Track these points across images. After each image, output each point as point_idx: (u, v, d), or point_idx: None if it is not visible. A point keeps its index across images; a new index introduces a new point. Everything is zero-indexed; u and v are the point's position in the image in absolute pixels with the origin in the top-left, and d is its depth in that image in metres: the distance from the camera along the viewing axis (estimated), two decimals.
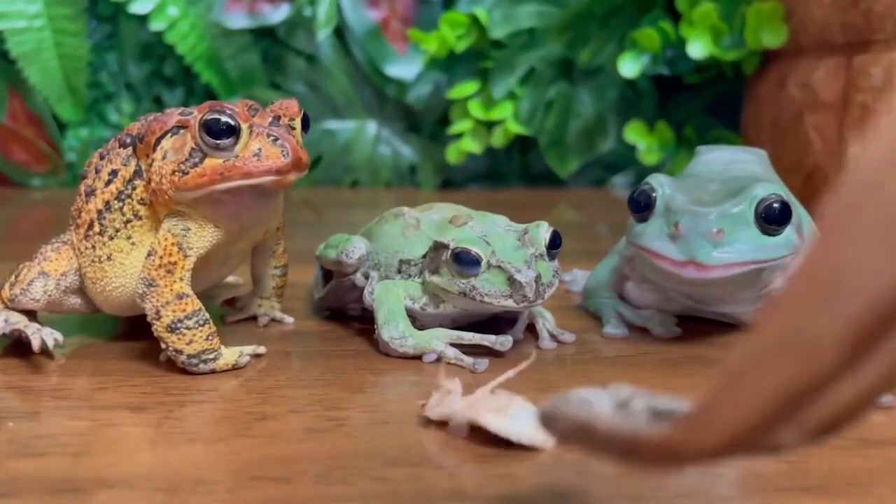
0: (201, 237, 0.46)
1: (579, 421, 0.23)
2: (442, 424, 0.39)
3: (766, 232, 0.47)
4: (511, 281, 0.46)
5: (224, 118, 0.43)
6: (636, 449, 0.21)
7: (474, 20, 1.21)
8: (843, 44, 0.95)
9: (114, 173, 0.49)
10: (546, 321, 0.54)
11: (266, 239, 0.55)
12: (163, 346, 0.45)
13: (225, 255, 0.50)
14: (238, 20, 1.28)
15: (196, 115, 0.44)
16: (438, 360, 0.48)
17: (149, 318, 0.45)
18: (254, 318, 0.57)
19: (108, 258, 0.49)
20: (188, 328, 0.45)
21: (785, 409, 0.17)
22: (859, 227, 0.15)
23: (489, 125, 1.27)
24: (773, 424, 0.17)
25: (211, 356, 0.46)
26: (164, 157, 0.45)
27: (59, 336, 0.49)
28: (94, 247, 0.49)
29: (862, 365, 0.16)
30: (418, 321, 0.51)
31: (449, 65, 1.32)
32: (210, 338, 0.46)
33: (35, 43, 1.25)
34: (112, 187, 0.48)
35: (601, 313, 0.57)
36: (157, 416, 0.40)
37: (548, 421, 0.25)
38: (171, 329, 0.45)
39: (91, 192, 0.50)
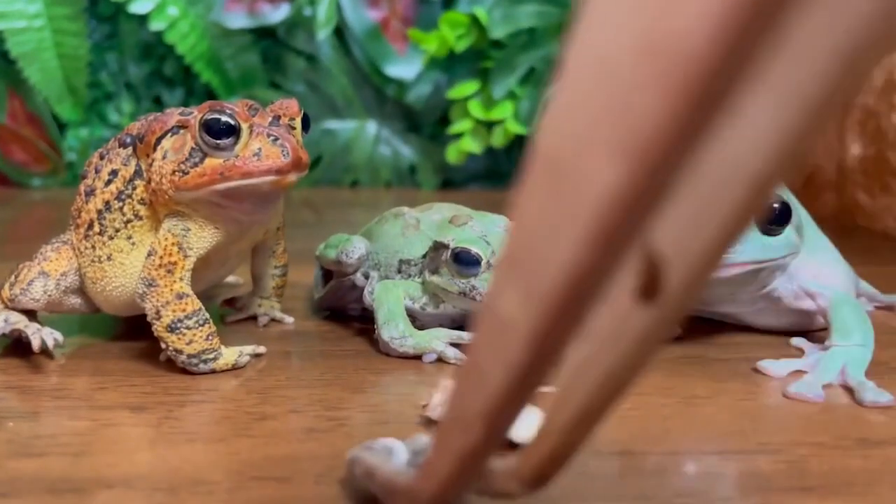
0: (201, 237, 0.46)
1: (367, 467, 0.29)
2: None
3: (766, 232, 0.47)
4: None
5: (224, 118, 0.43)
6: (394, 495, 0.27)
7: (474, 20, 1.21)
8: None
9: (114, 173, 0.49)
10: None
11: (266, 239, 0.55)
12: (163, 346, 0.45)
13: (225, 256, 0.50)
14: (238, 20, 1.28)
15: (196, 114, 0.44)
16: (439, 359, 0.48)
17: (149, 318, 0.45)
18: (254, 318, 0.57)
19: (108, 258, 0.49)
20: (188, 328, 0.45)
21: (468, 465, 0.22)
22: (477, 339, 0.20)
23: (489, 125, 1.27)
24: (466, 477, 0.23)
25: (211, 356, 0.46)
26: (164, 157, 0.45)
27: (59, 336, 0.48)
28: (93, 247, 0.49)
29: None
30: (418, 321, 0.51)
31: (449, 65, 1.32)
32: (210, 338, 0.46)
33: (35, 43, 1.25)
34: (112, 187, 0.48)
35: None
36: (157, 416, 0.40)
37: (350, 464, 0.31)
38: (171, 329, 0.45)
39: (91, 192, 0.50)
